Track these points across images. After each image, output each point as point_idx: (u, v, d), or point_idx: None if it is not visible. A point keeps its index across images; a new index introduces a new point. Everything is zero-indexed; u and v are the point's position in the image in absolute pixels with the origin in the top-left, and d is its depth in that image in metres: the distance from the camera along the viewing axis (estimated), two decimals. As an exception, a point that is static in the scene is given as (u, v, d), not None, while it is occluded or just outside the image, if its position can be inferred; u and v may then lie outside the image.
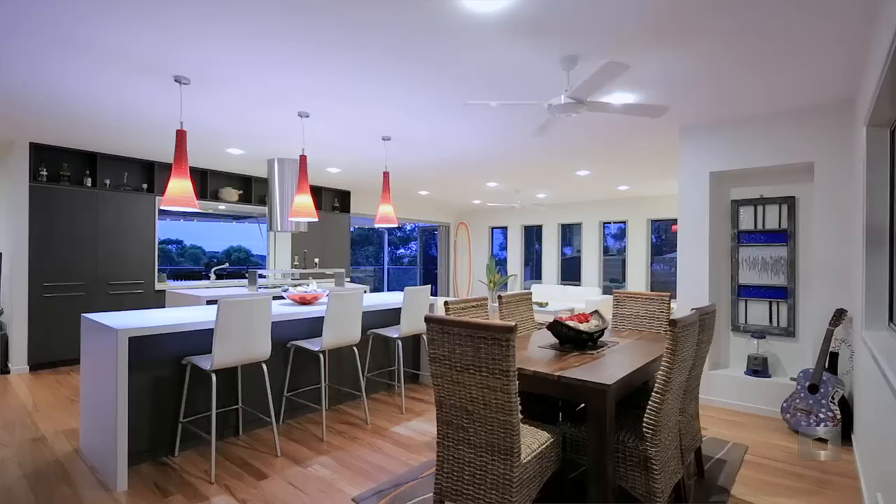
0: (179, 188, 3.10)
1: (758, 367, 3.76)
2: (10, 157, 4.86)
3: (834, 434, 3.08)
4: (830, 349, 3.35)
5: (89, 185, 5.18)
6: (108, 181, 5.36)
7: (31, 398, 3.95)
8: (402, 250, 14.00)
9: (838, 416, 3.08)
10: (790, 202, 3.76)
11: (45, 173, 4.87)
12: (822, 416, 3.14)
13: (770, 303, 3.86)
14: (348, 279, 8.00)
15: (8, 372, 4.72)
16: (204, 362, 2.72)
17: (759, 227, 3.90)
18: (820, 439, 3.15)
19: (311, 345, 3.30)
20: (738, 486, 2.56)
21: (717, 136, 3.89)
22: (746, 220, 3.97)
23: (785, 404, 3.35)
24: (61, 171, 5.03)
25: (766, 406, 3.67)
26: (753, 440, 3.18)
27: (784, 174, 3.83)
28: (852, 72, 2.85)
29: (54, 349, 4.93)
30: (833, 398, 3.13)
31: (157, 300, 5.65)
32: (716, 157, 3.90)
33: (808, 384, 3.26)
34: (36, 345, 4.81)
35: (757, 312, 3.92)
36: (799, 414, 3.25)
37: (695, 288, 3.99)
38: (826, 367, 3.26)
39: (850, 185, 3.32)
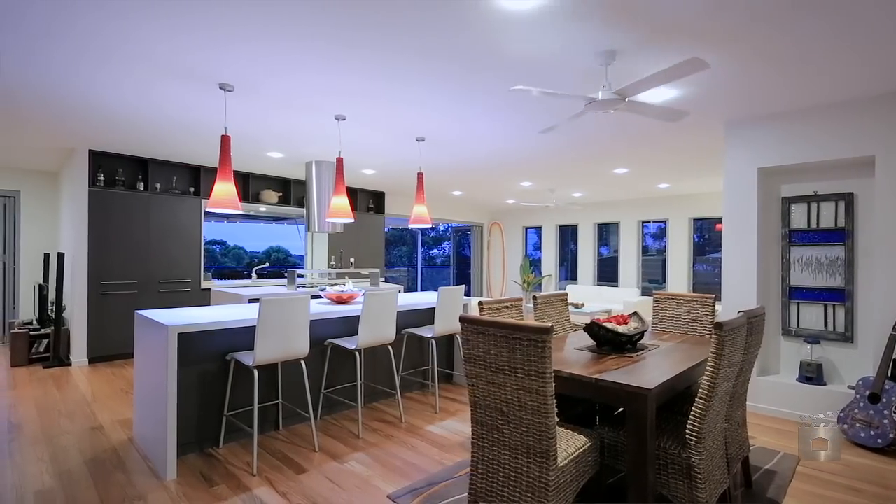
0: (224, 191, 3.23)
1: (811, 374, 3.55)
2: (72, 163, 5.21)
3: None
4: (894, 356, 3.12)
5: (141, 189, 5.49)
6: (158, 185, 5.66)
7: (89, 389, 4.22)
8: (435, 250, 14.06)
9: (903, 429, 2.87)
10: (848, 199, 3.52)
11: (102, 178, 5.18)
12: (884, 427, 2.93)
13: (825, 306, 3.63)
14: (382, 279, 8.11)
15: (69, 364, 5.07)
16: (247, 358, 2.82)
17: (813, 225, 3.68)
18: (864, 447, 2.94)
19: (348, 343, 3.36)
20: (790, 499, 2.42)
21: (766, 130, 3.70)
22: (799, 218, 3.75)
23: (842, 414, 3.14)
24: (116, 176, 5.35)
25: (820, 415, 3.46)
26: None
27: (840, 169, 3.59)
28: (919, 57, 2.65)
29: (110, 343, 5.24)
30: (897, 409, 2.92)
31: (203, 298, 5.91)
32: (764, 152, 3.71)
33: (868, 393, 3.05)
34: (94, 339, 5.14)
35: (810, 316, 3.70)
36: (858, 425, 3.05)
37: (741, 289, 3.81)
38: (889, 375, 3.04)
39: (917, 179, 3.08)
